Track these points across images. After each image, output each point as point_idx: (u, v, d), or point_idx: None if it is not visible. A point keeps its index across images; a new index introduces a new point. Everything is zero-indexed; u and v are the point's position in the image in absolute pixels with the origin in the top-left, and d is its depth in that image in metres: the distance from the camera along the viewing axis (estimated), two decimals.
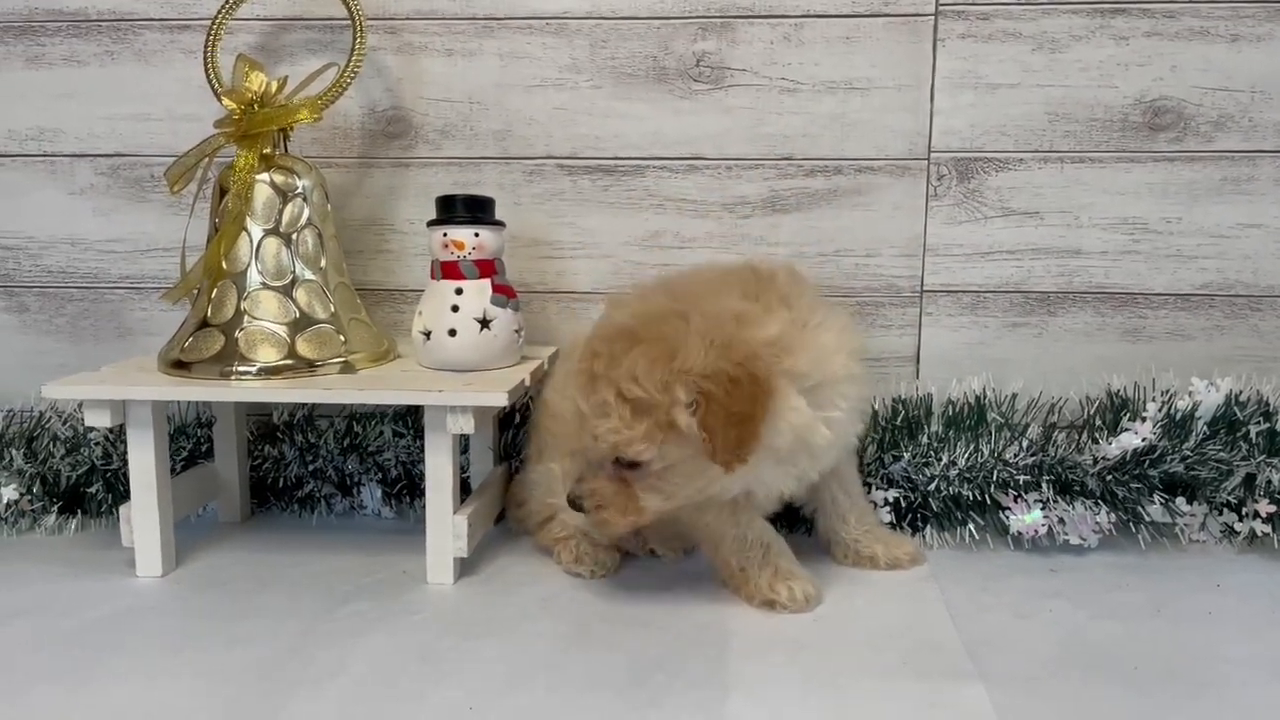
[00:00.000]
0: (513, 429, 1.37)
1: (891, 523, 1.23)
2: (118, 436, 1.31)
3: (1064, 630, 1.01)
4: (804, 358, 1.00)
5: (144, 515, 1.15)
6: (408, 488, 1.36)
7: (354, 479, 1.37)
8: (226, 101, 1.22)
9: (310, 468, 1.36)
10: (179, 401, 1.35)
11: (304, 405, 1.37)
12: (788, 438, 0.99)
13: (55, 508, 1.32)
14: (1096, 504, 1.21)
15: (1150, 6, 1.27)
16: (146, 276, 1.44)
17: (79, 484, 1.33)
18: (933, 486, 1.23)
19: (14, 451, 1.32)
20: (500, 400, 1.09)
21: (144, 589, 1.13)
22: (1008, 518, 1.21)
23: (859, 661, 0.95)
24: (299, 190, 1.21)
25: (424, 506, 1.15)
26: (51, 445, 1.33)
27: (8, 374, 1.44)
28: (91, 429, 1.31)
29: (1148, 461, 1.21)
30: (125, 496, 1.18)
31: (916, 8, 1.30)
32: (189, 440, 1.37)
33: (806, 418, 1.00)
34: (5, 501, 1.29)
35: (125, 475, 1.27)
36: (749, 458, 0.96)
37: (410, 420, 1.35)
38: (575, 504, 1.04)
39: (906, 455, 1.24)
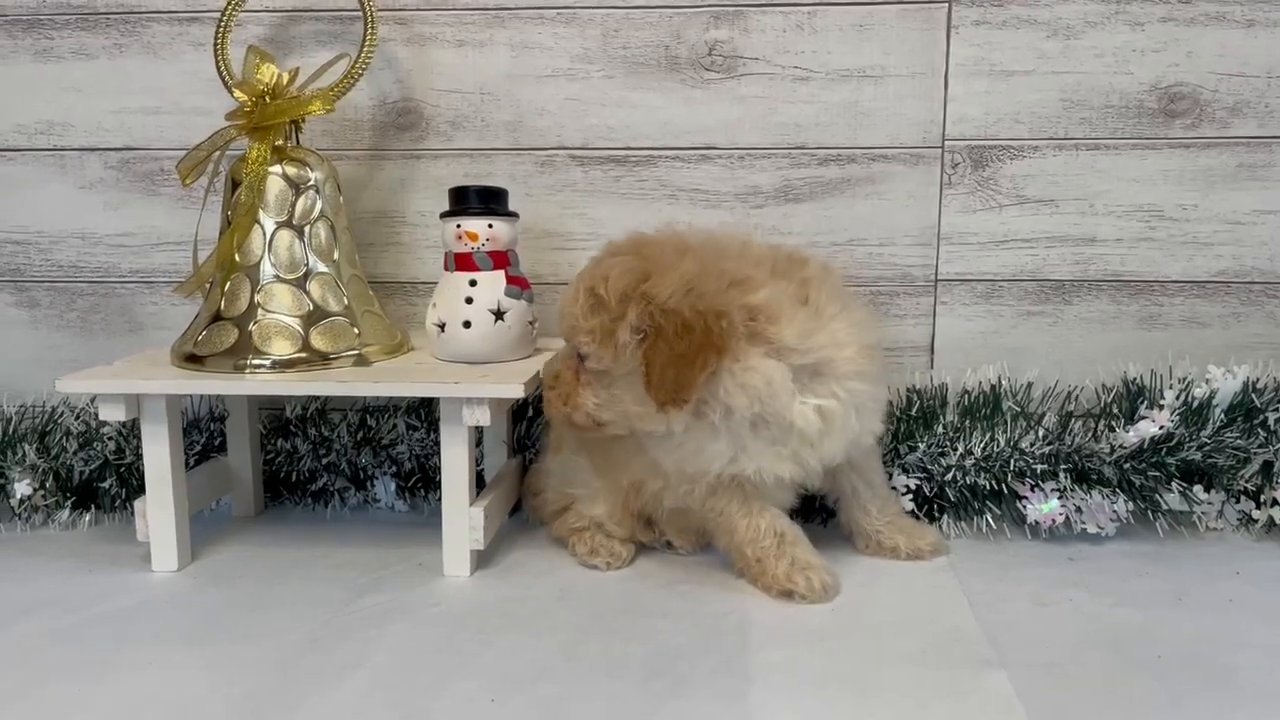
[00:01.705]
0: (526, 421, 1.36)
1: (912, 511, 1.23)
2: (131, 431, 1.30)
3: (1085, 618, 1.01)
4: (792, 331, 1.01)
5: (159, 510, 1.15)
6: (422, 480, 1.36)
7: (367, 472, 1.36)
8: (238, 94, 1.22)
9: (324, 461, 1.36)
10: (192, 395, 1.35)
11: (316, 399, 1.37)
12: (741, 400, 1.01)
13: (69, 503, 1.32)
14: (1114, 493, 1.20)
15: None
16: (157, 270, 1.43)
17: (92, 479, 1.33)
18: (949, 476, 1.23)
19: (27, 447, 1.32)
20: (516, 392, 1.09)
21: (159, 583, 1.13)
22: (1025, 507, 1.20)
23: (880, 651, 0.94)
24: (311, 182, 1.21)
25: (438, 499, 1.14)
26: (64, 440, 1.33)
27: (19, 369, 1.44)
28: (105, 423, 1.30)
29: (1165, 449, 1.20)
30: (139, 491, 1.18)
31: None
32: (202, 434, 1.37)
33: (772, 385, 1.00)
34: (19, 497, 1.29)
35: (139, 470, 1.26)
36: (684, 404, 1.00)
37: (424, 413, 1.35)
38: (539, 389, 1.14)
39: (922, 445, 1.24)
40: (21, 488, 1.29)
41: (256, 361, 1.14)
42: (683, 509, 1.14)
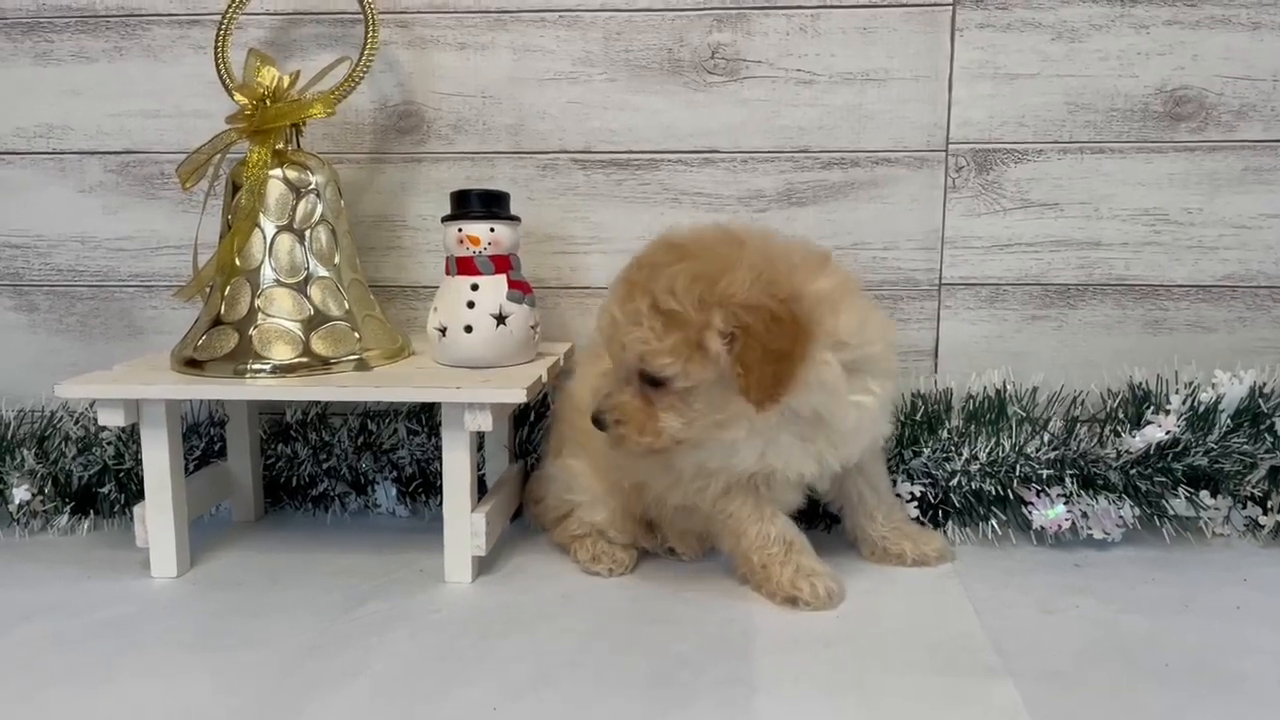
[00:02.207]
0: (528, 426, 1.36)
1: (916, 518, 1.22)
2: (130, 436, 1.30)
3: (1092, 625, 1.00)
4: (847, 323, 0.99)
5: (158, 515, 1.14)
6: (423, 485, 1.35)
7: (368, 477, 1.35)
8: (238, 97, 1.21)
9: (324, 466, 1.35)
10: (192, 400, 1.34)
11: (317, 403, 1.36)
12: (817, 395, 0.98)
13: (67, 508, 1.31)
14: (1120, 498, 1.19)
15: None
16: (157, 274, 1.43)
17: (91, 484, 1.32)
18: (954, 482, 1.22)
19: (25, 452, 1.31)
20: (519, 397, 1.08)
21: (159, 589, 1.12)
22: (1030, 512, 1.19)
23: (885, 659, 0.93)
24: (312, 186, 1.20)
25: (439, 504, 1.14)
26: (63, 445, 1.32)
27: (18, 374, 1.44)
28: (104, 428, 1.29)
29: (1171, 455, 1.20)
30: (138, 496, 1.17)
31: None
32: (202, 439, 1.36)
33: (837, 379, 0.99)
34: (17, 502, 1.28)
35: (138, 475, 1.26)
36: (782, 399, 0.95)
37: (424, 418, 1.34)
38: (598, 421, 1.02)
39: (927, 450, 1.23)
40: (20, 493, 1.28)
41: (257, 366, 1.14)
42: (688, 511, 1.12)
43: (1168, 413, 1.20)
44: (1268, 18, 1.25)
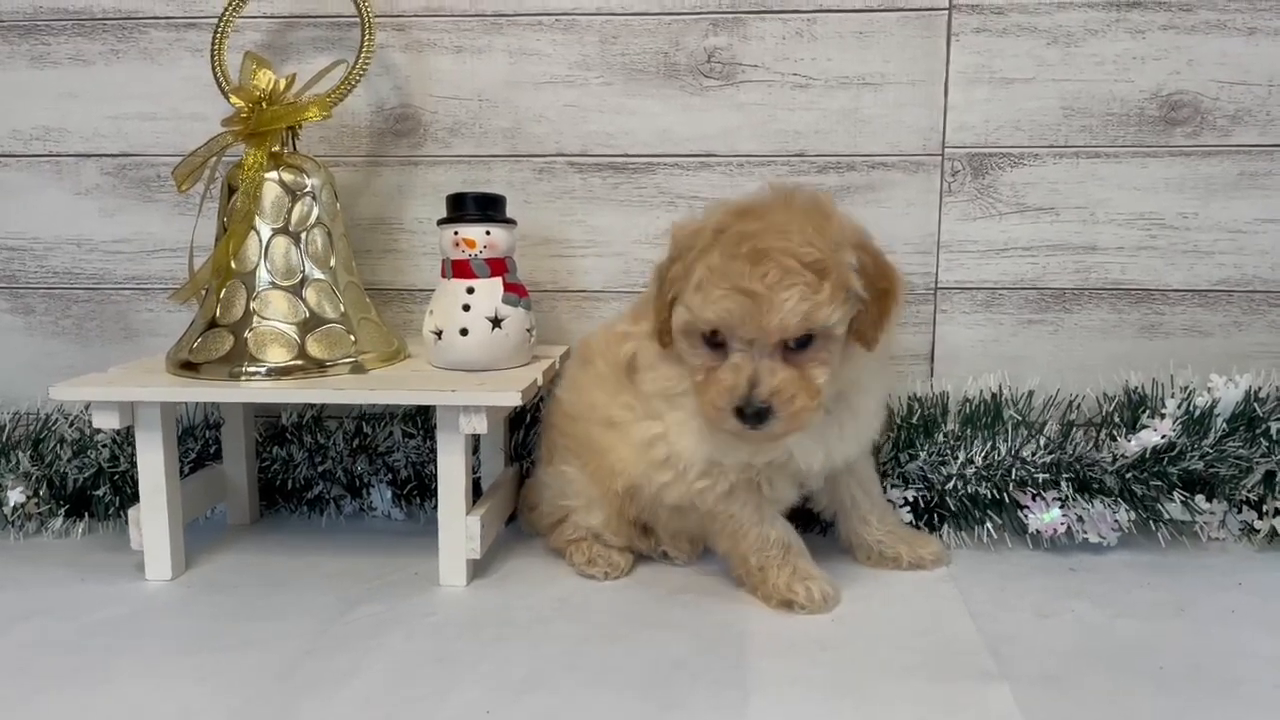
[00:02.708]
0: (524, 429, 1.35)
1: (910, 522, 1.22)
2: (125, 438, 1.29)
3: (1087, 630, 1.00)
4: None
5: (153, 518, 1.14)
6: (418, 488, 1.35)
7: (363, 480, 1.35)
8: (234, 99, 1.21)
9: (319, 469, 1.35)
10: (187, 403, 1.34)
11: (313, 406, 1.36)
12: (851, 365, 1.01)
13: (62, 510, 1.31)
14: (1115, 502, 1.19)
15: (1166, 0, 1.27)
16: (153, 277, 1.43)
17: (86, 486, 1.32)
18: (950, 485, 1.22)
19: (20, 454, 1.31)
20: (514, 400, 1.08)
21: (154, 592, 1.12)
22: (1026, 516, 1.19)
23: (881, 662, 0.93)
24: (308, 189, 1.20)
25: (434, 507, 1.14)
26: (58, 447, 1.32)
27: (13, 376, 1.43)
28: (99, 431, 1.29)
29: (1167, 459, 1.20)
30: (133, 499, 1.17)
31: (930, 2, 1.28)
32: (197, 442, 1.36)
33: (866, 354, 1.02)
34: (12, 505, 1.28)
35: (133, 477, 1.26)
36: (882, 340, 0.99)
37: (420, 420, 1.34)
38: (759, 414, 0.95)
39: (923, 454, 1.23)
40: (15, 495, 1.28)
41: (252, 369, 1.13)
42: (684, 511, 1.11)
43: (1163, 417, 1.20)
44: (1263, 23, 1.26)
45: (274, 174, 1.19)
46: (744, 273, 0.93)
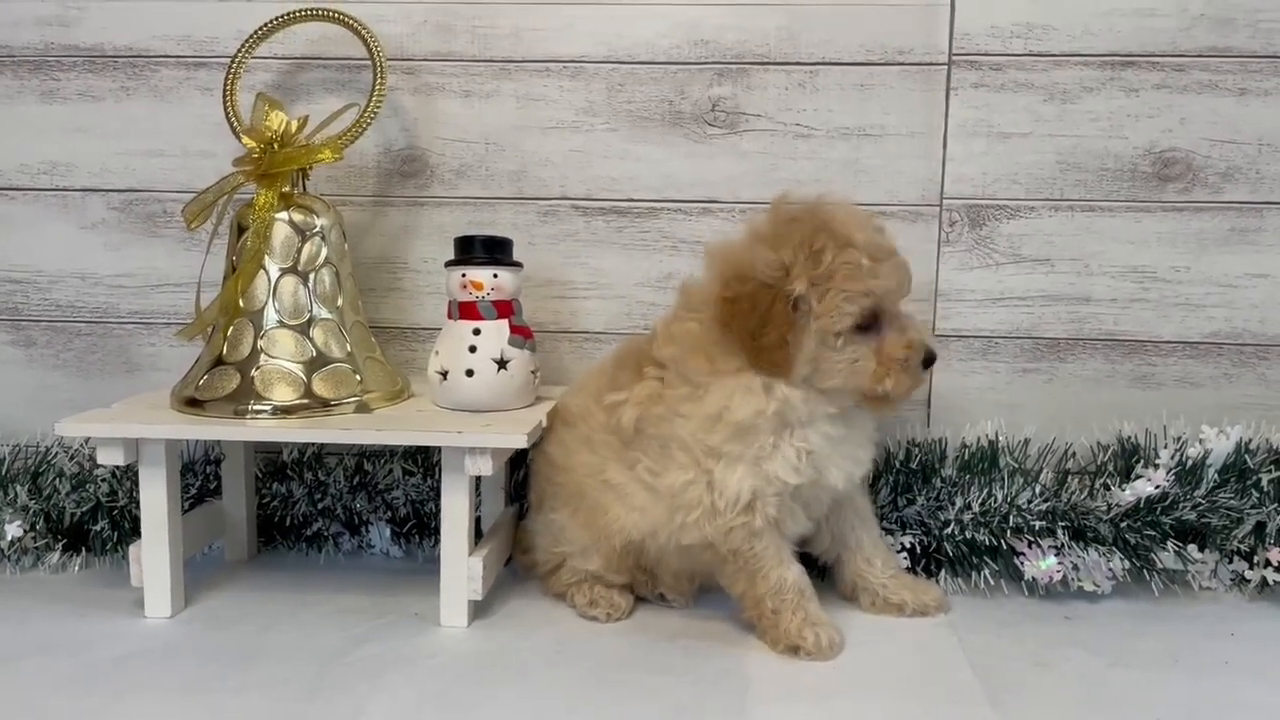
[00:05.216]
0: (524, 468, 1.36)
1: (908, 567, 1.23)
2: (124, 473, 1.29)
3: (1084, 678, 1.01)
4: None
5: (154, 555, 1.14)
6: (417, 527, 1.35)
7: (362, 518, 1.35)
8: (246, 140, 1.23)
9: (319, 506, 1.35)
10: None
11: (314, 443, 1.36)
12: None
13: (59, 545, 1.30)
14: (1110, 550, 1.21)
15: (1160, 59, 1.30)
16: (156, 312, 1.43)
17: (84, 521, 1.31)
18: (948, 531, 1.23)
19: (18, 487, 1.30)
20: (520, 442, 1.09)
21: (153, 630, 1.12)
22: (1022, 563, 1.21)
23: (882, 709, 0.94)
24: (317, 229, 1.21)
25: (432, 545, 1.14)
26: (57, 481, 1.31)
27: (14, 409, 1.43)
28: (98, 465, 1.29)
29: (1160, 509, 1.21)
30: (131, 534, 1.17)
31: (930, 57, 1.32)
32: (197, 477, 1.36)
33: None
34: (9, 539, 1.28)
35: (131, 512, 1.26)
36: None
37: (420, 459, 1.35)
38: (931, 358, 1.09)
39: (920, 499, 1.24)
40: (12, 529, 1.28)
41: (258, 407, 1.14)
42: (694, 552, 1.10)
43: (1158, 467, 1.22)
44: (1254, 84, 1.29)
45: (284, 214, 1.20)
46: (879, 242, 1.05)
